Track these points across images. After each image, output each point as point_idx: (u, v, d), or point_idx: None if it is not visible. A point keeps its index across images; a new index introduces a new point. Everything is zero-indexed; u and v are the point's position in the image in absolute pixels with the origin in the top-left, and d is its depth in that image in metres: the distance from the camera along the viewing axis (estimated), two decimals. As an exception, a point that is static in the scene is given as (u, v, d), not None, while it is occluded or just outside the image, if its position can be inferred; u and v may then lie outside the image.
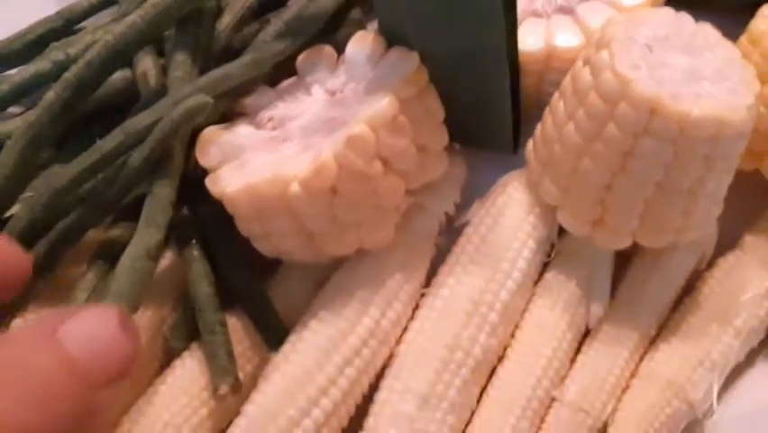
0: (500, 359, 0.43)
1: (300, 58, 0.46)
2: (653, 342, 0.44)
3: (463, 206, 0.47)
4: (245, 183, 0.40)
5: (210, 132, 0.43)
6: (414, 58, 0.42)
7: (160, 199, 0.41)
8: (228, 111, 0.45)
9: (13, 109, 0.51)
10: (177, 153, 0.42)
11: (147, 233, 0.40)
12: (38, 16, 0.52)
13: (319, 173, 0.38)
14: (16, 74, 0.49)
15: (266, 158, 0.42)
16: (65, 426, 0.27)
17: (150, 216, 0.40)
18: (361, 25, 0.54)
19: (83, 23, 0.53)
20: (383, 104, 0.40)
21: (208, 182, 0.42)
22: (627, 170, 0.39)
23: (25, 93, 0.49)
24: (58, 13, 0.51)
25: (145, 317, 0.43)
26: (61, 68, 0.48)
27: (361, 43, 0.44)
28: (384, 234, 0.43)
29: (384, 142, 0.40)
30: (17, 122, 0.47)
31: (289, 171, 0.39)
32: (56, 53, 0.49)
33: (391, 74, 0.42)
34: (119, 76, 0.49)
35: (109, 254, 0.42)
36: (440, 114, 0.44)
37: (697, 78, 0.39)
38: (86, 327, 0.29)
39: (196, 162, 0.44)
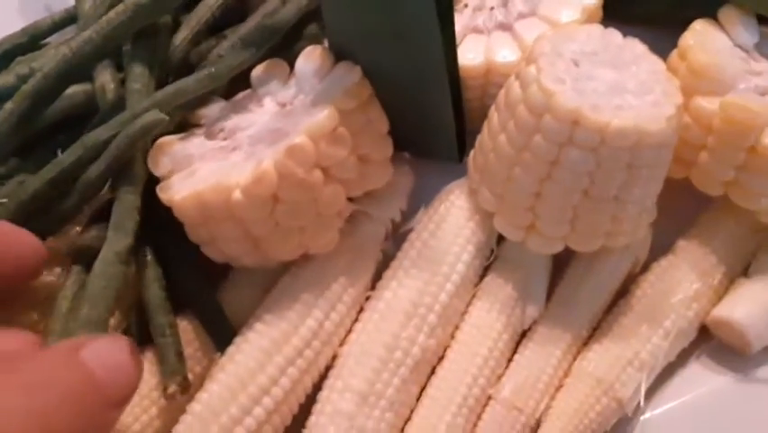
0: (440, 359, 0.45)
1: (255, 71, 0.48)
2: (585, 342, 0.46)
3: (411, 212, 0.49)
4: (191, 190, 0.42)
5: (163, 143, 0.45)
6: (356, 72, 0.44)
7: (127, 205, 0.43)
8: (183, 121, 0.48)
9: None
10: (138, 162, 0.44)
11: (116, 238, 0.42)
12: (4, 33, 0.54)
13: (259, 181, 0.40)
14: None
15: (213, 167, 0.44)
16: None
17: (118, 221, 0.42)
18: (317, 40, 0.56)
19: (48, 39, 0.55)
20: (323, 115, 0.42)
21: (159, 190, 0.44)
22: (554, 178, 0.41)
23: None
24: (23, 30, 0.53)
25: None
26: (25, 81, 0.51)
27: (310, 57, 0.46)
28: (327, 240, 0.45)
29: (324, 152, 0.42)
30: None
31: (232, 179, 0.41)
32: (20, 67, 0.51)
33: (335, 87, 0.44)
34: (80, 89, 0.51)
35: (85, 260, 0.44)
36: (383, 125, 0.46)
37: (621, 90, 0.41)
38: (105, 351, 0.33)
39: (150, 172, 0.46)
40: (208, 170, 0.43)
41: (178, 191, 0.43)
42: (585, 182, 0.41)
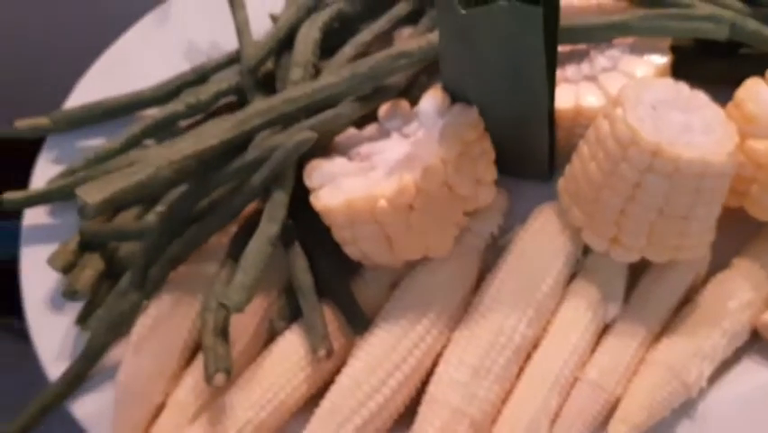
0: (535, 347, 0.54)
1: (382, 109, 0.59)
2: (657, 337, 0.55)
3: (507, 228, 0.59)
4: (344, 199, 0.52)
5: (315, 162, 0.56)
6: (473, 111, 0.55)
7: (278, 201, 0.54)
8: (326, 146, 0.59)
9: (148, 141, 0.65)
10: (290, 170, 0.56)
11: (268, 226, 0.53)
12: (171, 73, 0.66)
13: (402, 193, 0.51)
14: (157, 113, 0.63)
15: (357, 182, 0.54)
16: None
17: (270, 213, 0.53)
18: (425, 89, 0.67)
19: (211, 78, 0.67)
20: (452, 144, 0.53)
21: (313, 199, 0.55)
22: (636, 198, 0.51)
23: (163, 128, 0.63)
24: (192, 69, 0.65)
25: (256, 303, 0.55)
26: (192, 109, 0.63)
27: (433, 98, 0.57)
28: (445, 244, 0.55)
29: (451, 173, 0.52)
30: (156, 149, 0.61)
31: (378, 191, 0.52)
32: (189, 97, 0.63)
33: (456, 123, 0.55)
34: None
35: (236, 253, 0.55)
36: (492, 154, 0.56)
37: (690, 130, 0.51)
38: None
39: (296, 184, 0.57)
40: (352, 184, 0.54)
41: (331, 200, 0.53)
42: (661, 202, 0.51)
